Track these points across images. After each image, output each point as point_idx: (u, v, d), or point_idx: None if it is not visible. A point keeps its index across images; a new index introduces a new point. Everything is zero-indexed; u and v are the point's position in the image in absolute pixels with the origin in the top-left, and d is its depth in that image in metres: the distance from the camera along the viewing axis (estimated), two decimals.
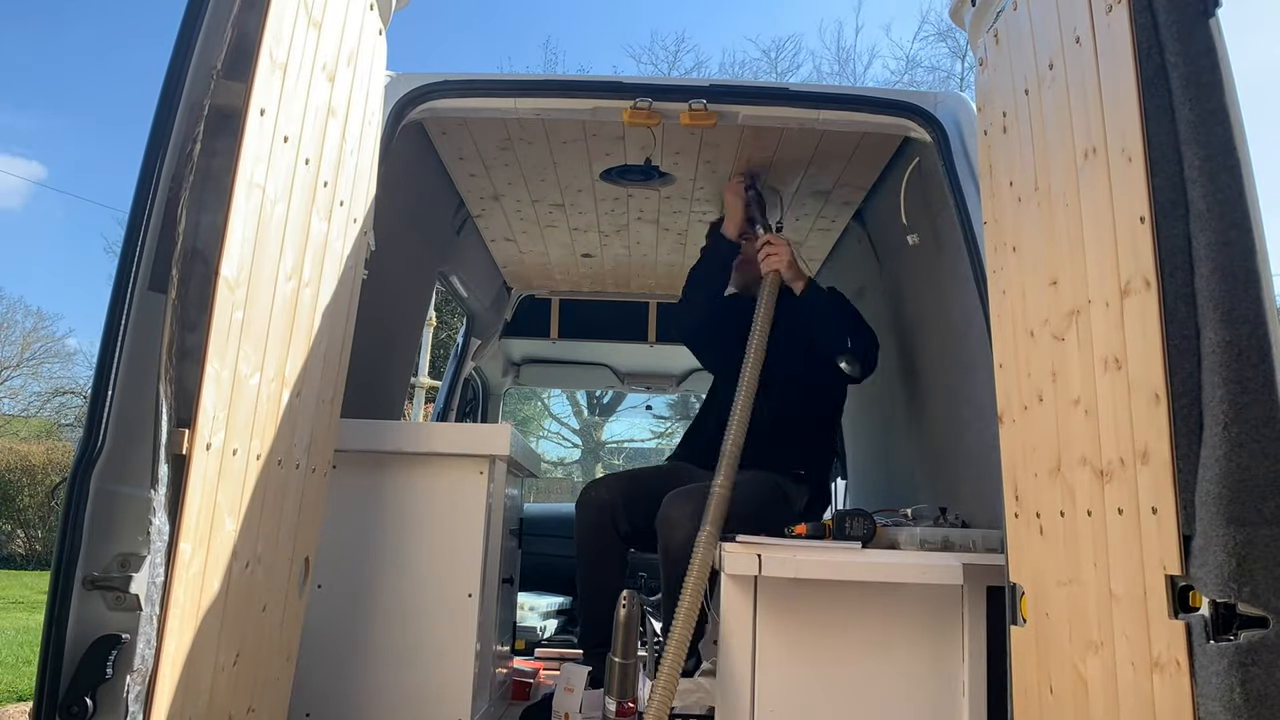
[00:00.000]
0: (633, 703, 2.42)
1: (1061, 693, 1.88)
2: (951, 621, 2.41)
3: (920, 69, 22.40)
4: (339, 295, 2.33)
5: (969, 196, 2.58)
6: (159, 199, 1.75)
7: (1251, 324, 1.46)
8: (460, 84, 2.92)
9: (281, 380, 2.04)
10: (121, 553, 1.66)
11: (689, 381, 6.05)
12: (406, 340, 4.04)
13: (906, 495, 3.42)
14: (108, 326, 1.71)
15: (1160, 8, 1.60)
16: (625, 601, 2.42)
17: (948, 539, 2.49)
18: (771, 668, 2.41)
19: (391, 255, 2.98)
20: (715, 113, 2.87)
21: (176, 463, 1.68)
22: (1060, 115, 1.92)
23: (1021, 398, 2.10)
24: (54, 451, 14.98)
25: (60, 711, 1.59)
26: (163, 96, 1.78)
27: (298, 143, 2.01)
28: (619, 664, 2.41)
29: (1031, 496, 2.04)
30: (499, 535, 2.92)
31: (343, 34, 2.24)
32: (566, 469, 21.90)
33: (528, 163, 3.49)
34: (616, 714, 2.41)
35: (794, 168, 3.44)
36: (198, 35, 1.81)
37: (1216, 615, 1.44)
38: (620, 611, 2.42)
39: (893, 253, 3.58)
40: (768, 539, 2.50)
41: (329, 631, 2.58)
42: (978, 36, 2.44)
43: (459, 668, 2.62)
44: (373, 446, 2.67)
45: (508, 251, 4.57)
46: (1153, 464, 1.55)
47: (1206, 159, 1.53)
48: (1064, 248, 1.89)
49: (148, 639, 1.63)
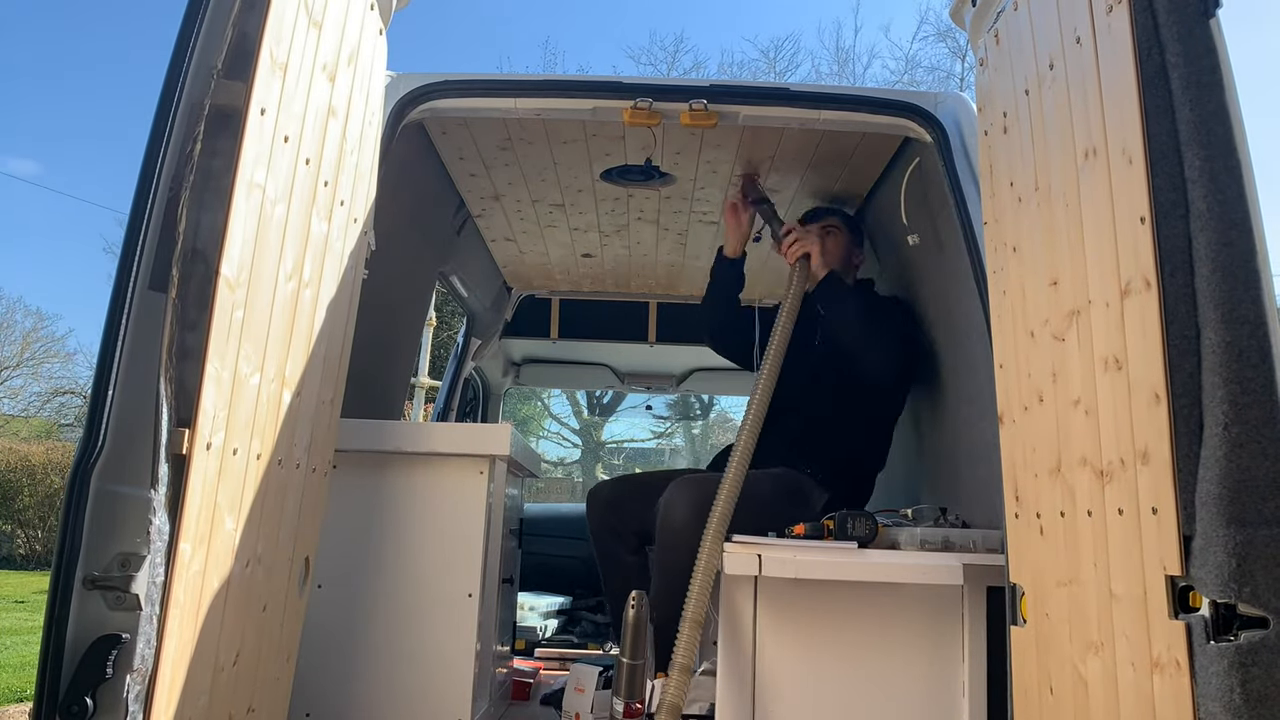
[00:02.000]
0: (640, 704, 2.42)
1: (1061, 693, 1.88)
2: (951, 622, 2.41)
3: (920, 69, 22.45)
4: (339, 295, 2.33)
5: (969, 197, 2.58)
6: (159, 199, 1.75)
7: (1252, 324, 1.46)
8: (460, 84, 2.92)
9: (282, 380, 2.05)
10: (121, 553, 1.66)
11: (689, 381, 6.04)
12: (406, 340, 4.04)
13: (906, 495, 3.42)
14: (108, 326, 1.71)
15: (1161, 8, 1.60)
16: (634, 602, 2.42)
17: (948, 539, 2.49)
18: (771, 668, 2.41)
19: (392, 255, 2.98)
20: (715, 113, 2.87)
21: (176, 462, 1.68)
22: (1060, 115, 1.92)
23: (1022, 398, 2.10)
24: (54, 451, 15.00)
25: (60, 711, 1.59)
26: (163, 96, 1.78)
27: (298, 143, 2.01)
28: (627, 664, 2.41)
29: (1032, 497, 2.04)
30: (499, 535, 2.92)
31: (343, 34, 2.24)
32: (566, 469, 21.92)
33: (528, 163, 3.49)
34: (624, 715, 2.40)
35: (794, 168, 3.44)
36: (198, 35, 1.81)
37: (1217, 616, 1.44)
38: (629, 612, 2.41)
39: (893, 253, 3.58)
40: (768, 539, 2.50)
41: (329, 631, 2.58)
42: (978, 36, 2.44)
43: (459, 668, 2.62)
44: (373, 446, 2.67)
45: (508, 251, 4.57)
46: (1153, 464, 1.55)
47: (1207, 159, 1.53)
48: (1064, 248, 1.89)
49: (148, 639, 1.63)
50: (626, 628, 2.41)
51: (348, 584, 2.62)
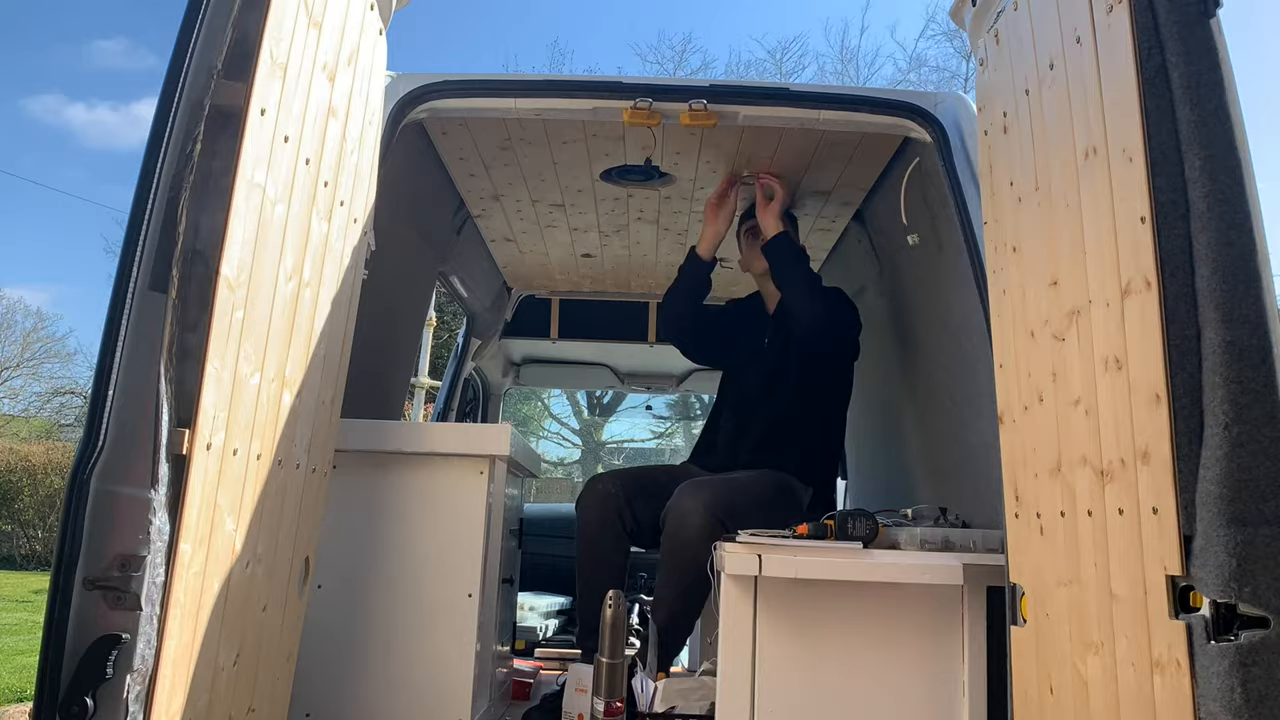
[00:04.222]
0: (620, 702, 2.42)
1: (1061, 693, 1.88)
2: (951, 622, 2.41)
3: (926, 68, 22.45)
4: (339, 295, 2.33)
5: (969, 196, 2.58)
6: (159, 199, 1.74)
7: (1252, 324, 1.46)
8: (460, 84, 2.92)
9: (282, 380, 2.04)
10: (121, 553, 1.66)
11: (689, 381, 6.05)
12: (406, 340, 4.04)
13: (906, 495, 3.42)
14: (108, 327, 1.70)
15: (1161, 8, 1.60)
16: (612, 601, 2.42)
17: (948, 539, 2.49)
18: (771, 668, 2.41)
19: (392, 255, 2.98)
20: (715, 113, 2.87)
21: (177, 463, 1.68)
22: (1061, 115, 1.92)
23: (1022, 398, 2.10)
24: (54, 451, 15.00)
25: (60, 711, 1.59)
26: (163, 96, 1.78)
27: (298, 143, 2.01)
28: (606, 664, 2.41)
29: (1032, 496, 2.04)
30: (499, 535, 2.92)
31: (343, 34, 2.24)
32: (566, 469, 21.91)
33: (528, 163, 3.49)
34: (605, 714, 2.40)
35: (794, 168, 3.44)
36: (198, 35, 1.80)
37: (1217, 615, 1.44)
38: (607, 611, 2.41)
39: (893, 253, 3.58)
40: (768, 539, 2.50)
41: (329, 631, 2.58)
42: (978, 37, 2.44)
43: (459, 668, 2.62)
44: (373, 446, 2.67)
45: (508, 252, 4.57)
46: (1153, 464, 1.55)
47: (1207, 159, 1.53)
48: (1064, 248, 1.89)
49: (148, 639, 1.63)
50: (605, 627, 2.41)
51: (348, 584, 2.62)
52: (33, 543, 14.55)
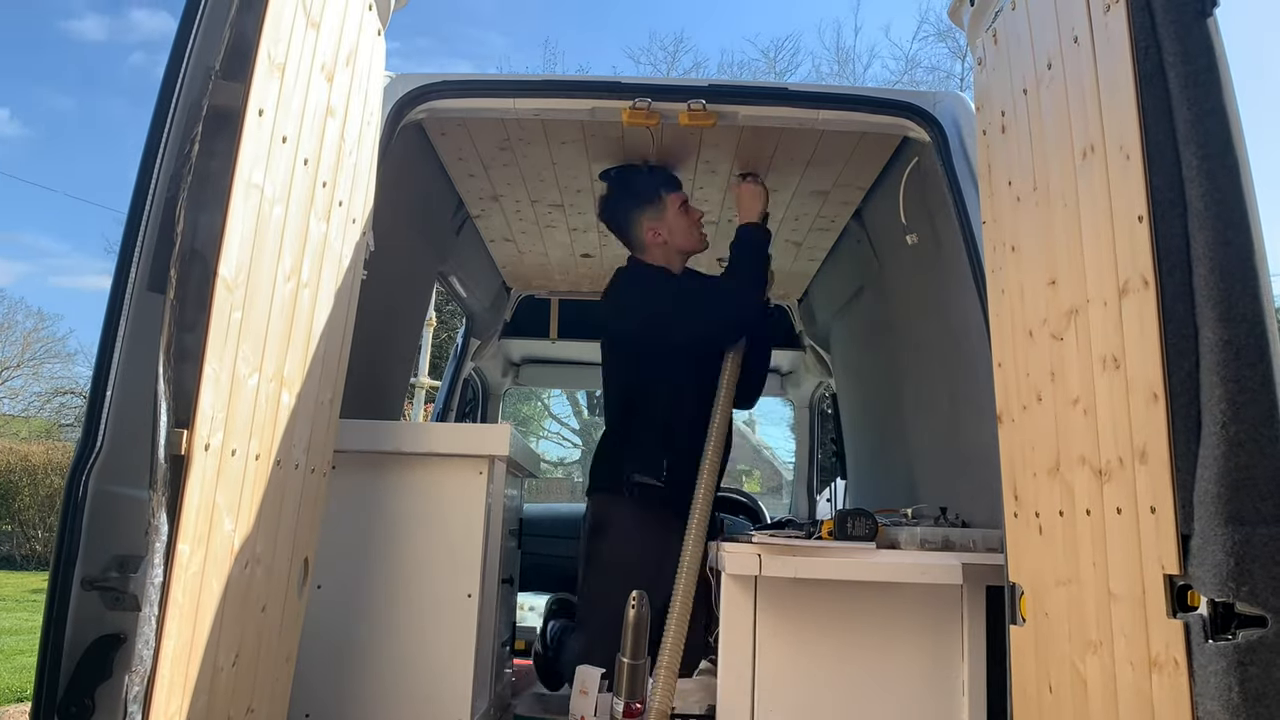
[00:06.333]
0: (640, 704, 2.42)
1: (1060, 692, 1.88)
2: (951, 621, 2.41)
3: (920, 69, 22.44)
4: (338, 296, 2.33)
5: (968, 196, 2.58)
6: (157, 199, 1.75)
7: (1250, 323, 1.47)
8: (459, 84, 2.92)
9: (280, 380, 2.04)
10: (120, 553, 1.66)
11: None
12: (406, 340, 4.04)
13: (906, 495, 3.42)
14: (106, 327, 1.71)
15: (1158, 7, 1.60)
16: (635, 602, 2.42)
17: (948, 539, 2.49)
18: (771, 668, 2.41)
19: (391, 255, 2.98)
20: (714, 113, 2.87)
21: (175, 463, 1.68)
22: (1058, 115, 1.92)
23: (1020, 397, 2.10)
24: (54, 451, 15.00)
25: (60, 711, 1.59)
26: (161, 97, 1.78)
27: (296, 143, 2.01)
28: (628, 664, 2.41)
29: (1030, 496, 2.04)
30: (499, 535, 2.92)
31: (341, 34, 2.24)
32: (566, 469, 21.91)
33: (527, 163, 3.49)
34: (624, 715, 2.41)
35: (793, 168, 3.44)
36: (195, 36, 1.80)
37: (1215, 614, 1.44)
38: (630, 612, 2.41)
39: (892, 252, 3.58)
40: (768, 539, 2.50)
41: (329, 631, 2.58)
42: (976, 36, 2.44)
43: (459, 668, 2.62)
44: (372, 447, 2.66)
45: (507, 251, 4.57)
46: (1151, 463, 1.55)
47: (1204, 158, 1.53)
48: (1062, 247, 1.89)
49: (146, 639, 1.63)
50: (627, 627, 2.41)
51: (348, 584, 2.62)
52: (33, 543, 14.54)
